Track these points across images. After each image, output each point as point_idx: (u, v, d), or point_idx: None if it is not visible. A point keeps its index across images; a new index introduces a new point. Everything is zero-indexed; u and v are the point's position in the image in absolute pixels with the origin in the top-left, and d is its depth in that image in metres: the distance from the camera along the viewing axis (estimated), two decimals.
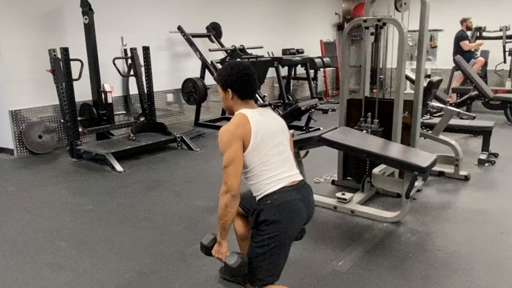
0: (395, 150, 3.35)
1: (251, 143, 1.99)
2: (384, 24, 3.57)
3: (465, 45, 7.88)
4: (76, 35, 5.33)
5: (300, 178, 2.14)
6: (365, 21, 3.60)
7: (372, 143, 3.37)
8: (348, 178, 3.99)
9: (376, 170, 3.32)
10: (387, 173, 3.54)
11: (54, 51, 4.88)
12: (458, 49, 7.86)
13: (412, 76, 4.86)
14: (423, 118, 4.45)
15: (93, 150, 4.90)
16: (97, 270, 2.64)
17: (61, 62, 4.88)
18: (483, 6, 9.28)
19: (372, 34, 3.68)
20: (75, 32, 5.37)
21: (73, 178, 4.45)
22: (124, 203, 3.64)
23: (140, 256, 2.77)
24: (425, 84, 3.97)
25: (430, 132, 4.37)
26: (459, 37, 7.95)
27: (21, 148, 5.25)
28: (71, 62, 4.90)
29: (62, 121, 5.15)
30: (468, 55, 7.83)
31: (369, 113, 3.74)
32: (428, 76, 7.39)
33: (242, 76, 2.09)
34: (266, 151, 2.04)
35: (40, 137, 5.29)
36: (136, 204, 3.61)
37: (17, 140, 5.22)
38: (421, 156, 3.16)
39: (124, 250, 2.88)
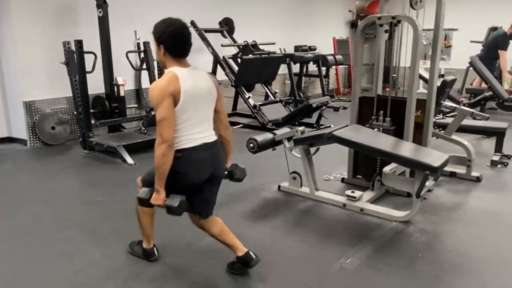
0: (406, 149, 3.32)
1: (181, 100, 2.16)
2: (399, 22, 3.53)
3: (503, 58, 7.08)
4: (90, 28, 5.36)
5: (214, 139, 2.36)
6: (379, 18, 3.57)
7: (383, 142, 3.35)
8: (358, 176, 3.98)
9: (386, 169, 3.30)
10: (397, 172, 3.51)
11: (68, 44, 4.93)
12: (493, 56, 7.17)
13: (425, 75, 4.82)
14: (436, 117, 4.41)
15: (104, 142, 4.94)
16: (107, 260, 2.67)
17: (75, 55, 4.92)
18: (499, 5, 9.13)
19: (386, 31, 3.64)
20: (89, 25, 5.41)
21: (84, 170, 4.50)
22: (134, 195, 3.65)
23: None
24: (438, 84, 3.92)
25: (442, 132, 4.32)
26: (500, 42, 7.10)
27: (34, 139, 5.32)
28: (85, 55, 4.95)
29: (74, 113, 5.20)
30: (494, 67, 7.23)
31: (381, 112, 3.71)
32: (442, 75, 7.30)
33: (175, 35, 2.22)
34: (190, 109, 2.21)
35: (53, 128, 5.36)
36: None
37: (31, 131, 5.29)
38: (433, 156, 3.13)
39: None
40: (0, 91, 5.41)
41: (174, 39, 2.23)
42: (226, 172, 2.56)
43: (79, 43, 4.91)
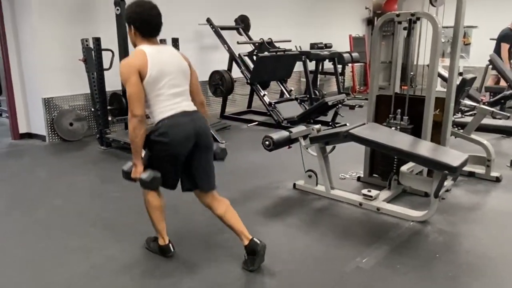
0: (425, 148, 3.27)
1: (148, 75, 2.28)
2: (418, 19, 3.49)
3: (504, 51, 7.43)
4: (108, 25, 5.42)
5: (193, 109, 2.45)
6: (398, 15, 3.52)
7: (401, 140, 3.31)
8: (374, 175, 3.94)
9: (404, 168, 3.26)
10: (415, 171, 3.47)
11: (86, 41, 4.99)
12: (498, 51, 7.47)
13: (444, 73, 4.74)
14: (455, 116, 4.34)
15: (121, 139, 5.00)
16: (124, 255, 2.70)
17: (93, 52, 4.99)
18: None
19: (405, 29, 3.60)
20: (107, 22, 5.46)
21: (101, 166, 4.55)
22: None
23: None
24: (457, 82, 3.86)
25: (461, 131, 4.25)
26: (504, 37, 7.50)
27: (53, 135, 5.41)
28: (102, 52, 5.01)
29: (92, 109, 5.27)
30: None
31: (399, 110, 3.67)
32: (461, 74, 7.18)
33: (143, 16, 2.34)
34: (162, 84, 2.32)
35: (71, 124, 5.44)
36: (162, 193, 3.66)
37: (49, 127, 5.38)
38: (452, 155, 3.08)
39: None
40: (20, 88, 5.51)
41: (142, 20, 2.35)
42: None
43: (97, 40, 4.97)
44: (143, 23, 2.36)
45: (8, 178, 4.21)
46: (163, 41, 5.80)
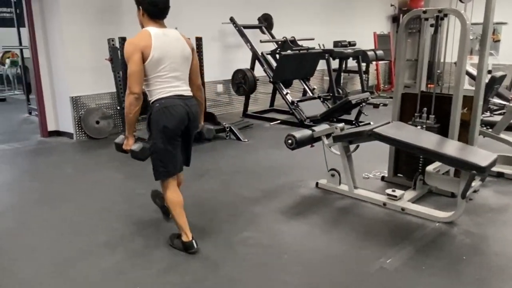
0: (452, 147, 3.20)
1: (150, 55, 2.40)
2: (445, 15, 3.41)
3: None
4: (134, 25, 5.44)
5: (189, 94, 2.61)
6: (424, 12, 3.45)
7: (427, 140, 3.25)
8: (399, 175, 3.88)
9: (430, 168, 3.20)
10: (441, 171, 3.39)
11: (112, 41, 5.09)
12: None
13: (472, 71, 4.62)
14: (483, 115, 4.22)
15: (146, 137, 5.06)
16: (148, 251, 2.74)
17: (118, 51, 5.08)
18: None
19: (431, 26, 3.52)
20: (132, 22, 5.47)
21: (126, 163, 4.62)
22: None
23: None
24: (486, 80, 3.75)
25: (490, 130, 4.13)
26: None
27: (80, 133, 5.54)
28: None
29: (118, 108, 5.38)
30: None
31: (425, 109, 3.59)
32: (490, 71, 6.97)
33: None
34: (163, 66, 2.45)
35: (97, 122, 5.56)
36: (185, 191, 3.68)
37: (77, 125, 5.51)
38: (480, 155, 3.00)
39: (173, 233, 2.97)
40: (49, 86, 5.66)
41: (151, 2, 2.48)
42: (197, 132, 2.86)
43: (123, 40, 5.06)
44: (151, 4, 2.48)
45: (37, 174, 4.34)
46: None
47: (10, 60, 9.34)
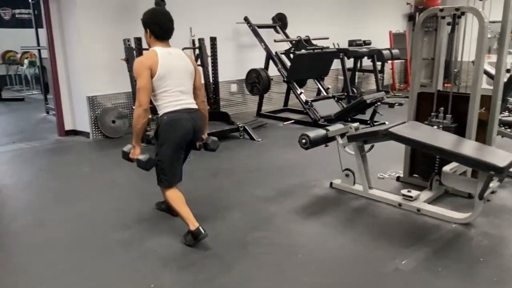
0: (469, 147, 3.15)
1: (157, 73, 2.64)
2: (463, 13, 3.35)
3: None
4: None
5: (194, 107, 2.82)
6: (441, 10, 3.40)
7: (444, 139, 3.20)
8: (414, 175, 3.83)
9: (446, 168, 3.15)
10: (458, 171, 3.34)
11: (128, 41, 5.15)
12: None
13: (490, 70, 4.54)
14: (502, 115, 4.14)
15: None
16: (162, 249, 2.77)
17: (134, 52, 5.13)
18: None
19: (448, 24, 3.47)
20: None
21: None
22: (188, 188, 3.74)
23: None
24: (505, 79, 3.68)
25: (508, 130, 4.06)
26: None
27: (96, 132, 5.62)
28: (143, 52, 5.14)
29: (133, 107, 5.42)
30: None
31: (442, 108, 3.54)
32: (508, 70, 6.83)
33: (157, 20, 2.75)
34: (169, 81, 2.68)
35: (113, 122, 5.63)
36: (199, 190, 3.73)
37: (93, 124, 5.59)
38: (499, 155, 2.94)
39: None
40: (66, 86, 5.76)
41: (156, 24, 2.74)
42: (202, 143, 3.06)
43: (138, 40, 5.11)
44: (156, 27, 2.73)
45: (54, 172, 4.42)
46: (201, 40, 5.92)
47: (28, 61, 9.54)
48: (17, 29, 10.77)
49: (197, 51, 6.09)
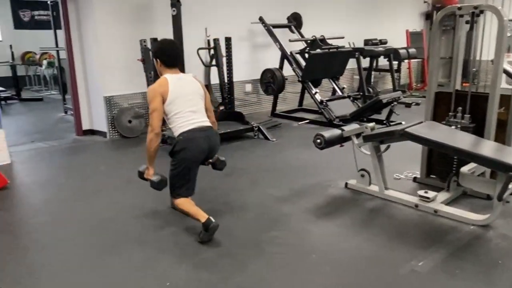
0: (488, 148, 3.09)
1: (168, 98, 2.84)
2: (481, 12, 3.29)
3: None
4: (165, 26, 5.60)
5: (207, 124, 2.98)
6: (460, 8, 3.35)
7: (462, 140, 3.15)
8: (432, 176, 3.78)
9: (464, 169, 3.10)
10: (477, 172, 3.28)
11: (144, 42, 5.20)
12: None
13: (510, 69, 4.45)
14: None
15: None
16: (177, 248, 2.79)
17: (150, 52, 5.18)
18: None
19: (467, 22, 3.42)
20: (164, 23, 5.65)
21: (157, 161, 4.70)
22: (203, 187, 3.78)
23: (217, 238, 2.87)
24: None
25: None
26: None
27: (113, 132, 5.69)
28: None
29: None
30: None
31: (460, 108, 3.49)
32: None
33: (165, 50, 2.97)
34: (180, 104, 2.87)
35: (129, 122, 5.69)
36: (214, 189, 3.75)
37: (110, 124, 5.66)
38: None
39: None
40: (84, 87, 5.85)
41: (164, 53, 2.96)
42: (210, 162, 3.17)
43: (154, 41, 5.15)
44: (164, 56, 2.95)
45: (72, 171, 4.49)
46: (216, 40, 5.94)
47: (47, 61, 9.72)
48: (36, 31, 11.00)
49: (212, 51, 6.12)
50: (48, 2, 7.34)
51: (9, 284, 2.30)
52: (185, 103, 2.90)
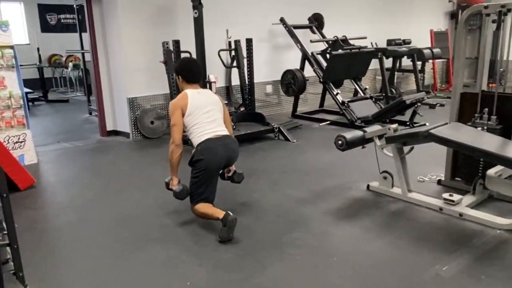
0: None
1: (188, 111, 3.01)
2: (509, 10, 3.20)
3: None
4: (186, 28, 5.65)
5: (225, 133, 3.09)
6: (486, 7, 3.26)
7: (488, 142, 3.06)
8: (457, 178, 3.69)
9: (491, 172, 3.01)
10: (504, 175, 3.18)
11: (166, 44, 5.26)
12: None
13: None
14: None
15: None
16: (198, 248, 2.81)
17: (172, 54, 5.24)
18: None
19: (493, 22, 3.32)
20: (186, 25, 5.70)
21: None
22: (223, 188, 3.79)
23: (237, 239, 2.88)
24: None
25: None
26: None
27: (136, 132, 5.78)
28: (181, 54, 5.24)
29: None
30: None
31: (486, 109, 3.39)
32: None
33: (186, 67, 3.16)
34: (198, 116, 3.02)
35: (152, 123, 5.77)
36: (234, 190, 3.75)
37: (133, 125, 5.75)
38: None
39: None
40: (108, 88, 5.96)
41: (185, 70, 3.15)
42: (228, 177, 3.30)
43: (176, 43, 5.21)
44: (186, 72, 3.14)
45: (96, 171, 4.58)
46: (237, 42, 5.97)
47: (72, 64, 9.96)
48: (62, 34, 11.29)
49: (233, 53, 6.14)
50: (74, 6, 7.52)
51: (33, 280, 2.36)
52: (203, 115, 3.03)
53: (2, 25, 4.41)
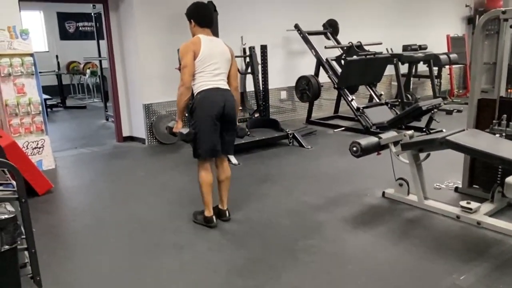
0: None
1: (199, 55, 2.97)
2: None
3: None
4: None
5: (226, 87, 3.08)
6: (504, 12, 3.21)
7: (508, 149, 3.00)
8: (474, 186, 3.62)
9: (510, 179, 2.94)
10: None
11: None
12: None
13: None
14: None
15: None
16: (212, 253, 2.81)
17: None
18: None
19: (511, 27, 3.28)
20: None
21: (193, 167, 4.72)
22: (237, 194, 3.80)
23: (250, 245, 2.88)
24: None
25: None
26: None
27: (151, 138, 5.84)
28: None
29: (186, 115, 5.57)
30: None
31: (505, 115, 3.33)
32: None
33: (199, 11, 3.12)
34: (206, 65, 2.99)
35: (167, 128, 5.81)
36: (248, 196, 3.76)
37: (148, 131, 5.81)
38: None
39: (236, 237, 3.03)
40: (124, 95, 6.05)
41: (198, 14, 3.10)
42: None
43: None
44: (199, 17, 3.09)
45: (112, 176, 4.64)
46: (252, 48, 5.99)
47: (90, 71, 10.14)
48: (81, 41, 11.51)
49: (247, 59, 6.17)
50: (92, 14, 7.67)
51: (49, 284, 2.39)
52: (210, 65, 3.01)
53: (22, 33, 4.52)
